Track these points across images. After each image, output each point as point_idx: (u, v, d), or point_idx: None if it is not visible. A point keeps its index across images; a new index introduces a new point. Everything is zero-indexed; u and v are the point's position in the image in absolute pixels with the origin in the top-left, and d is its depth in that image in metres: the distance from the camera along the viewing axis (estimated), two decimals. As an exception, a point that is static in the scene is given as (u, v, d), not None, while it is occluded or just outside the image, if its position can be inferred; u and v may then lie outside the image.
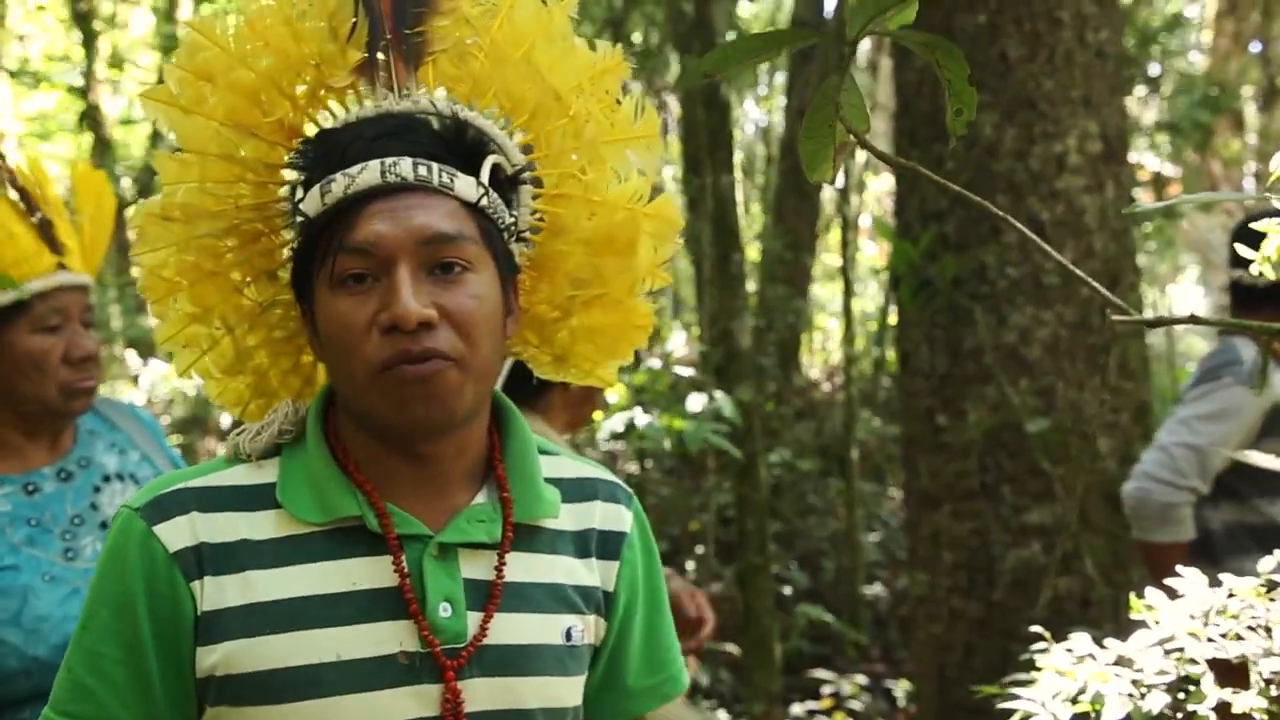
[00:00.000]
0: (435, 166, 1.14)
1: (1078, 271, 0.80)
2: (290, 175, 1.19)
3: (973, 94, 0.81)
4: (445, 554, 1.17)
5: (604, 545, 1.27)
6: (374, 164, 1.12)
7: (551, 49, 1.21)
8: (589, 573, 1.26)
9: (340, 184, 1.12)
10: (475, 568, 1.18)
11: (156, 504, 1.15)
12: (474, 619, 1.16)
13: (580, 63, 1.23)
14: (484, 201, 1.17)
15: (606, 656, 1.29)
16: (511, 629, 1.18)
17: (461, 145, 1.18)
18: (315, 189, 1.14)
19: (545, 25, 1.21)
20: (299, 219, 1.16)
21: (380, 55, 1.19)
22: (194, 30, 1.18)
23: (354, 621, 1.13)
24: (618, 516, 1.30)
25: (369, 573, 1.15)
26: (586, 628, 1.24)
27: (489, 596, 1.17)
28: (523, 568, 1.20)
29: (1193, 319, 0.79)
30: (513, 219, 1.22)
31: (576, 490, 1.28)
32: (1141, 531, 2.85)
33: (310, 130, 1.19)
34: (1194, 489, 2.77)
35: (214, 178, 1.19)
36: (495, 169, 1.20)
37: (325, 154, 1.15)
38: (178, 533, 1.13)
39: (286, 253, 1.22)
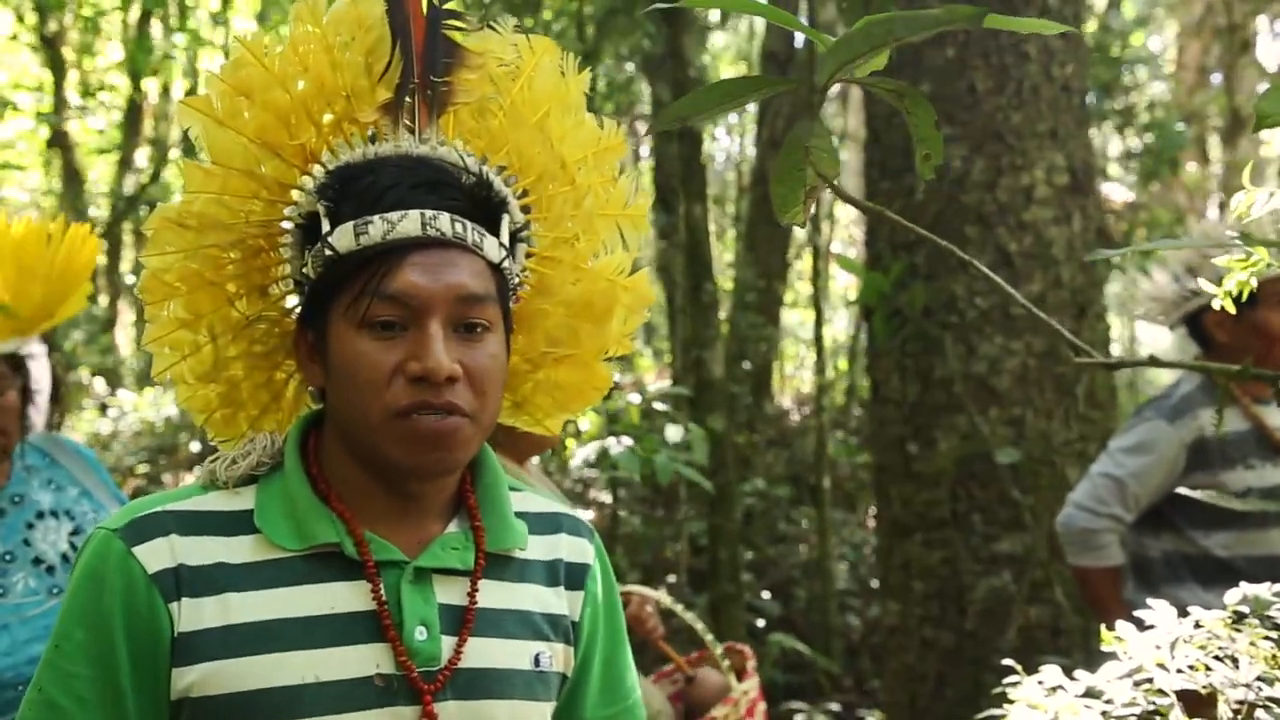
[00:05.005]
0: (469, 225, 1.17)
1: (1040, 313, 0.82)
2: (299, 196, 1.21)
3: (939, 139, 0.83)
4: (420, 579, 1.19)
5: (570, 576, 1.31)
6: (414, 214, 1.15)
7: (564, 119, 1.27)
8: (558, 601, 1.28)
9: (379, 228, 1.14)
10: (449, 593, 1.20)
11: (134, 526, 1.15)
12: (448, 642, 1.18)
13: (588, 137, 1.29)
14: (505, 263, 1.21)
15: (569, 686, 1.30)
16: (484, 653, 1.20)
17: (486, 204, 1.21)
18: (348, 226, 1.15)
19: (562, 95, 1.27)
20: (328, 253, 1.16)
21: (407, 98, 1.22)
22: (242, 46, 1.21)
23: (331, 644, 1.14)
24: (581, 550, 1.33)
25: (347, 596, 1.16)
26: (555, 655, 1.26)
27: (463, 621, 1.19)
28: (494, 595, 1.23)
29: (1152, 360, 0.81)
30: (516, 278, 1.26)
31: (542, 524, 1.32)
32: (1070, 556, 2.96)
33: (326, 157, 1.22)
34: (1115, 516, 2.86)
35: (232, 191, 1.21)
36: None
37: (358, 191, 1.17)
38: (157, 554, 1.14)
39: (283, 270, 1.25)
